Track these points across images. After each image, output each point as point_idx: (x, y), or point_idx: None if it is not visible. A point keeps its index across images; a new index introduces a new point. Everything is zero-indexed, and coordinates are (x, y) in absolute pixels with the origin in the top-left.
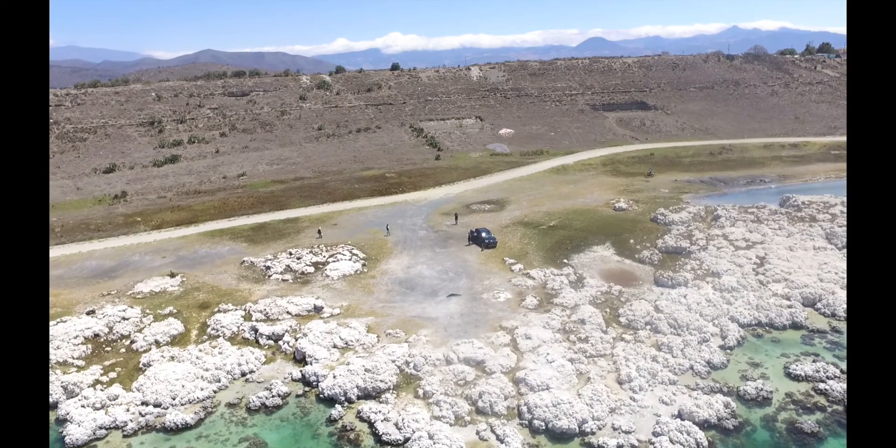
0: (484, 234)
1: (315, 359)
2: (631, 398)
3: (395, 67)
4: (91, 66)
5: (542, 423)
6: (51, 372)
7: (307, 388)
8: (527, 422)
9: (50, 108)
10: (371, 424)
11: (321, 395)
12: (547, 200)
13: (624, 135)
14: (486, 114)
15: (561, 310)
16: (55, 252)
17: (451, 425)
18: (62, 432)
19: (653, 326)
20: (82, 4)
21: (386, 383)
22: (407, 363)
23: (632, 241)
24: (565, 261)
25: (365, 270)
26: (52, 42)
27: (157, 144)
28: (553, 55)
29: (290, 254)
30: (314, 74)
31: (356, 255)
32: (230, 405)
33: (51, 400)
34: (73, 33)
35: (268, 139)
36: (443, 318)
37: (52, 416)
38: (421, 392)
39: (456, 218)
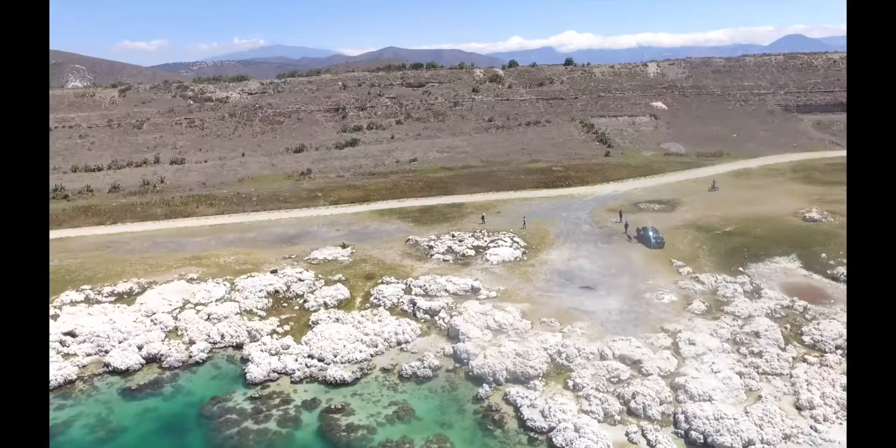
0: (651, 234)
1: (468, 337)
2: (812, 428)
3: (568, 62)
4: (292, 62)
5: (701, 436)
6: (238, 317)
7: (457, 365)
8: (683, 431)
9: (255, 95)
10: (517, 408)
11: (470, 373)
12: (724, 205)
13: (822, 139)
14: (661, 112)
15: (732, 319)
16: (251, 218)
17: (598, 421)
18: (245, 370)
19: (846, 351)
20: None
21: (536, 370)
22: (559, 353)
23: (824, 255)
24: (741, 269)
25: (525, 258)
26: (261, 41)
27: (340, 129)
28: (741, 54)
29: (453, 236)
30: (487, 68)
31: (517, 242)
32: (384, 370)
33: (237, 341)
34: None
35: (440, 128)
36: (600, 313)
37: (237, 354)
38: (571, 383)
39: (621, 215)
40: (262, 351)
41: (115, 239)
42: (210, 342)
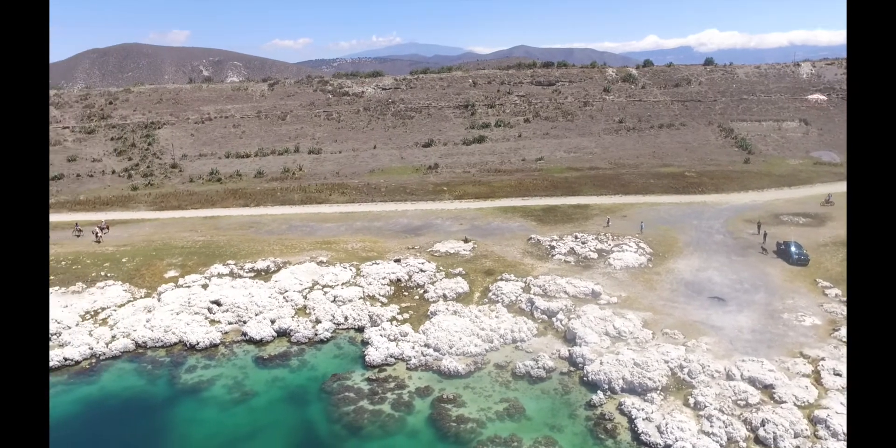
0: (793, 249)
1: (585, 341)
2: None
3: (708, 62)
4: (425, 60)
5: None
6: (362, 302)
7: (572, 368)
8: None
9: (388, 90)
10: (631, 420)
11: (585, 379)
12: None
13: None
14: (813, 117)
15: None
16: (378, 207)
17: (720, 446)
18: (364, 352)
19: None
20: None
21: (654, 382)
22: (681, 367)
23: None
24: None
25: (650, 265)
26: (397, 39)
27: (468, 125)
28: None
29: (576, 237)
30: (620, 67)
31: (642, 248)
32: (498, 366)
33: (359, 324)
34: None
35: (568, 128)
36: (729, 329)
37: (358, 337)
38: (692, 401)
39: (759, 227)
40: (381, 336)
41: (258, 220)
42: (334, 323)
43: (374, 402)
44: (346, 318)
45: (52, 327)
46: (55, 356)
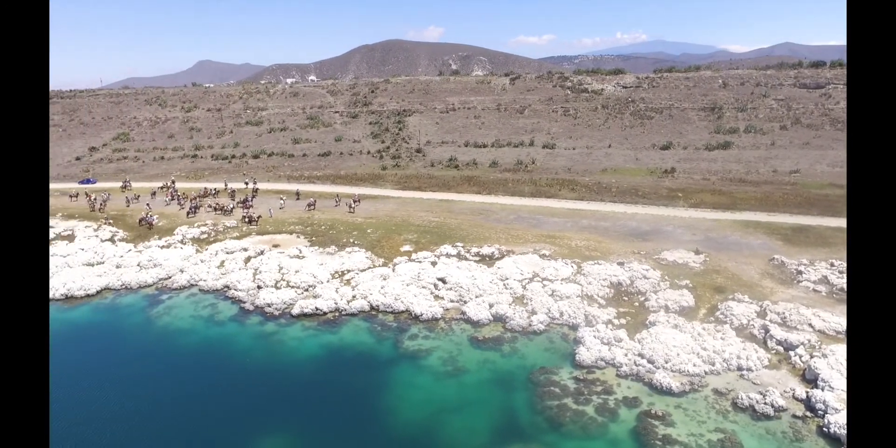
0: None
1: (829, 386)
2: None
3: None
4: (671, 58)
5: None
6: (579, 300)
7: (808, 413)
8: None
9: (629, 88)
10: None
11: (825, 430)
12: None
13: None
14: None
15: None
16: (607, 207)
17: None
18: (575, 350)
19: None
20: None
21: None
22: None
23: None
24: None
25: None
26: (642, 36)
27: (712, 129)
28: None
29: (832, 265)
30: None
31: None
32: (717, 392)
33: (573, 322)
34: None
35: (836, 138)
36: None
37: (571, 334)
38: None
39: None
40: (594, 337)
41: (488, 207)
42: (549, 316)
43: (578, 401)
44: (561, 314)
45: (310, 280)
46: (309, 305)
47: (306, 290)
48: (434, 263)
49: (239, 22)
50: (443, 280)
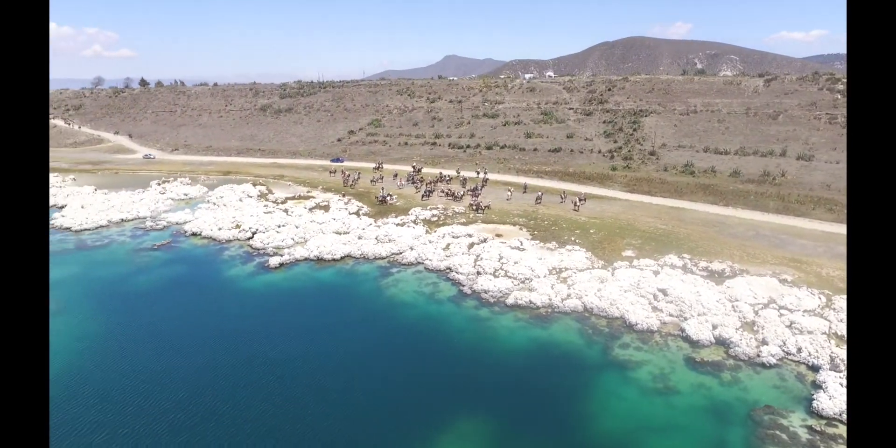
0: None
1: None
2: None
3: None
4: None
5: None
6: (825, 338)
7: None
8: None
9: None
10: None
11: None
12: None
13: None
14: None
15: None
16: None
17: None
18: (814, 396)
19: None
20: None
21: None
22: None
23: None
24: None
25: None
26: None
27: None
28: None
29: None
30: None
31: None
32: None
33: (814, 362)
34: None
35: None
36: None
37: (810, 376)
38: None
39: None
40: (841, 385)
41: (723, 220)
42: (783, 350)
43: None
44: (798, 350)
45: (527, 273)
46: (523, 297)
47: (522, 282)
48: (656, 273)
49: (484, 19)
50: (663, 291)
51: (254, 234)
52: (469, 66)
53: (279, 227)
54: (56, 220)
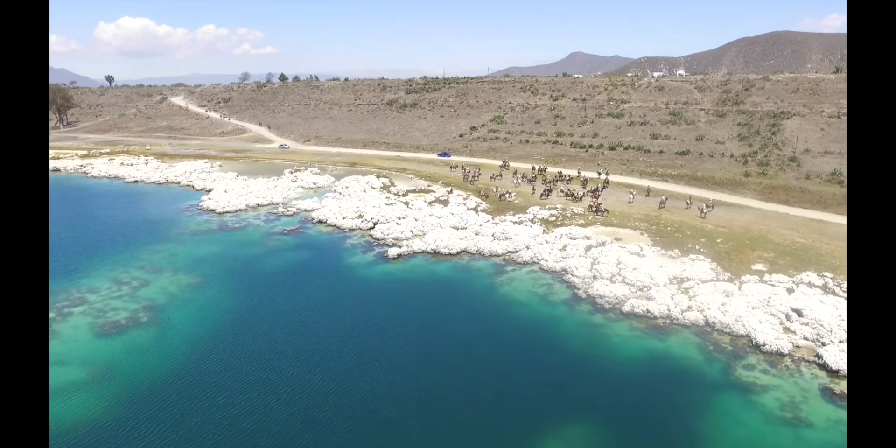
0: None
1: None
2: None
3: None
4: None
5: None
6: None
7: None
8: None
9: None
10: None
11: None
12: None
13: None
14: None
15: None
16: None
17: None
18: None
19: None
20: None
21: None
22: None
23: None
24: None
25: None
26: None
27: None
28: None
29: None
30: None
31: None
32: None
33: None
34: None
35: None
36: None
37: None
38: None
39: None
40: None
41: None
42: None
43: None
44: None
45: (646, 281)
46: (640, 305)
47: (640, 289)
48: (790, 290)
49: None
50: (798, 312)
51: (375, 224)
52: (595, 63)
53: (399, 218)
54: (204, 202)
